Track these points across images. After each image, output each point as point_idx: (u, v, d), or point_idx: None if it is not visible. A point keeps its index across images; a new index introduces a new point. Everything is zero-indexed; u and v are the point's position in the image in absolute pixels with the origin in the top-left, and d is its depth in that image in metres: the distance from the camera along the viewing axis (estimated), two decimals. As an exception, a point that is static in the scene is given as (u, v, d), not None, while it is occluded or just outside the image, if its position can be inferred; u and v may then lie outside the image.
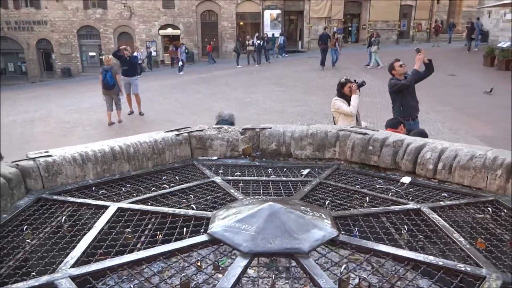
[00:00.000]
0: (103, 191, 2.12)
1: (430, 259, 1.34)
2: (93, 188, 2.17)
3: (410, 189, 2.19)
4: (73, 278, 1.26)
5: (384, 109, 7.28)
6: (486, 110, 11.47)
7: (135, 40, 29.64)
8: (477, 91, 13.69)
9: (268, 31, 28.32)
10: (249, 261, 1.28)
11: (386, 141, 2.54)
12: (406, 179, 2.33)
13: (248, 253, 1.31)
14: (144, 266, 1.32)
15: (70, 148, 2.34)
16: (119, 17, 29.81)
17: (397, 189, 2.17)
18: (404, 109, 5.99)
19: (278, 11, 29.70)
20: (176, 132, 2.75)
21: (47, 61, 31.79)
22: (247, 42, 24.57)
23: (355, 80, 5.50)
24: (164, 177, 2.36)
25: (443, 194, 2.09)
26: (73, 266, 1.34)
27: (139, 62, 21.42)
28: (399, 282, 1.29)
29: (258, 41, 23.89)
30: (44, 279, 1.26)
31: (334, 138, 2.73)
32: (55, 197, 1.99)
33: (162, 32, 30.17)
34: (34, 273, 1.35)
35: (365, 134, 2.64)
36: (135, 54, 19.06)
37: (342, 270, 1.29)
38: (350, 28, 31.12)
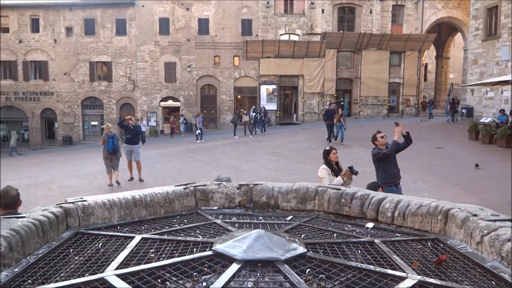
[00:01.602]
0: (127, 228, 2.67)
1: (370, 267, 1.89)
2: (118, 227, 2.72)
3: (371, 231, 2.75)
4: (118, 275, 1.79)
5: (369, 177, 7.92)
6: (470, 181, 12.12)
7: (137, 110, 30.96)
8: (463, 163, 14.41)
9: (265, 104, 29.70)
10: (241, 265, 1.82)
11: (355, 194, 3.13)
12: (370, 224, 2.89)
13: (241, 260, 1.85)
14: (167, 270, 1.85)
15: (99, 196, 2.92)
16: (122, 89, 31.34)
17: (361, 230, 2.73)
18: (387, 176, 6.63)
19: (274, 86, 31.36)
20: (184, 186, 3.34)
21: (50, 129, 32.80)
22: (240, 114, 25.81)
23: (352, 167, 5.81)
24: (174, 221, 2.91)
25: (396, 234, 2.65)
26: (116, 269, 1.87)
27: (143, 130, 22.41)
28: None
29: (254, 114, 25.12)
30: (97, 276, 1.79)
31: (314, 193, 3.33)
32: (90, 231, 2.54)
33: (163, 103, 31.58)
34: (87, 275, 1.87)
35: (339, 189, 3.24)
36: (138, 123, 20.07)
37: (307, 273, 1.83)
38: (342, 103, 32.62)
